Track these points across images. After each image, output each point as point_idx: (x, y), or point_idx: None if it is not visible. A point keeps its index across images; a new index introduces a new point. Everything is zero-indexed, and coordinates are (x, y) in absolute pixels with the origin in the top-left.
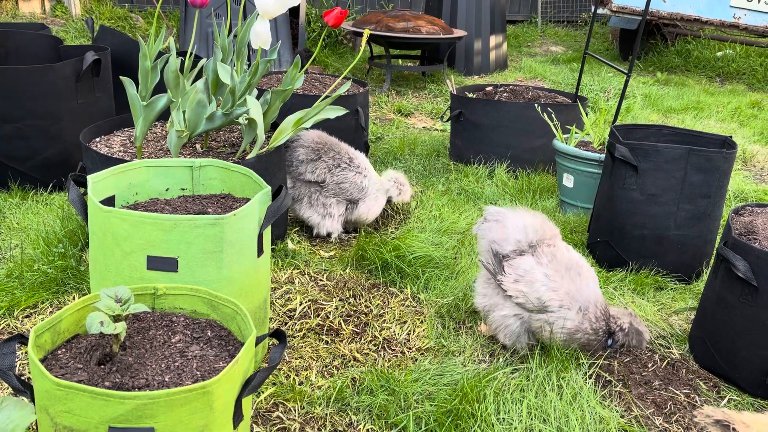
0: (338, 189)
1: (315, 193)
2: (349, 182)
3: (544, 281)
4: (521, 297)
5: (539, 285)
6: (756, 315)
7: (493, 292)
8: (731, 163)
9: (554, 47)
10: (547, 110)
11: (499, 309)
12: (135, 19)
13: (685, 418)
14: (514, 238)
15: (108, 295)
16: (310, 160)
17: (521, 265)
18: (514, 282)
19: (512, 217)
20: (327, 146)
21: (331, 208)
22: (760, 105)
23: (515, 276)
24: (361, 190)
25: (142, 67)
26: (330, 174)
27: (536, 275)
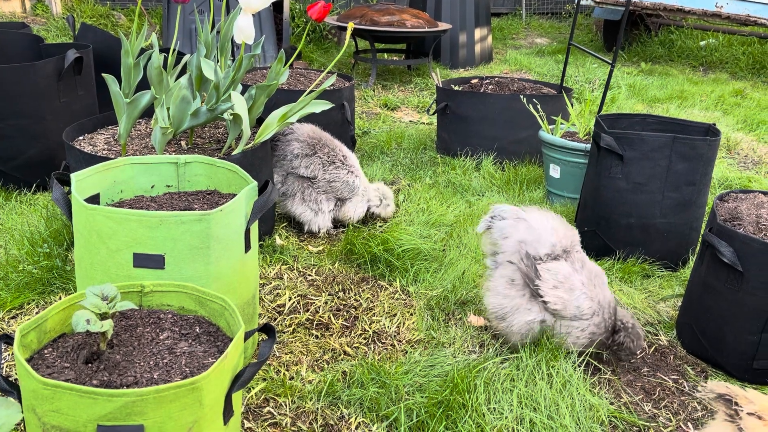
0: (329, 186)
1: (308, 188)
2: (340, 181)
3: (583, 289)
4: (559, 304)
5: (579, 293)
6: (742, 300)
7: (518, 294)
8: (715, 151)
9: (539, 39)
10: (532, 101)
11: (524, 313)
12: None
13: (673, 404)
14: (549, 240)
15: (94, 293)
16: (305, 155)
17: (560, 271)
18: (552, 288)
19: (537, 218)
20: (322, 142)
21: (321, 204)
22: (743, 93)
23: (554, 282)
24: (351, 190)
25: (124, 64)
26: (323, 171)
27: (575, 283)
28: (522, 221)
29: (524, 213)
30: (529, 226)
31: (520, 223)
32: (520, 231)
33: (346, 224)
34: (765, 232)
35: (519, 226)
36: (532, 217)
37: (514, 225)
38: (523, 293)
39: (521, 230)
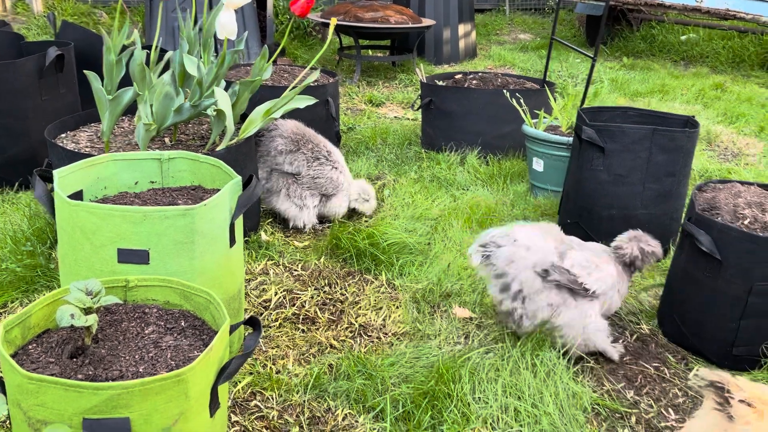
0: (313, 183)
1: (292, 184)
2: (325, 177)
3: (599, 260)
4: (602, 284)
5: (602, 264)
6: (720, 288)
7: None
8: (694, 142)
9: (522, 35)
10: (515, 96)
11: (584, 317)
12: (99, 15)
13: (655, 390)
14: (551, 247)
15: (78, 288)
16: (289, 151)
17: (577, 258)
18: (588, 276)
19: (526, 236)
20: (306, 138)
21: (306, 200)
22: (723, 87)
23: (585, 270)
24: (336, 186)
25: (106, 60)
26: (307, 167)
27: (592, 259)
28: (519, 245)
29: (514, 234)
30: (528, 247)
31: (518, 247)
32: (525, 256)
33: (331, 220)
34: (742, 221)
35: (519, 251)
36: (522, 236)
37: (514, 250)
38: (568, 305)
39: (525, 254)
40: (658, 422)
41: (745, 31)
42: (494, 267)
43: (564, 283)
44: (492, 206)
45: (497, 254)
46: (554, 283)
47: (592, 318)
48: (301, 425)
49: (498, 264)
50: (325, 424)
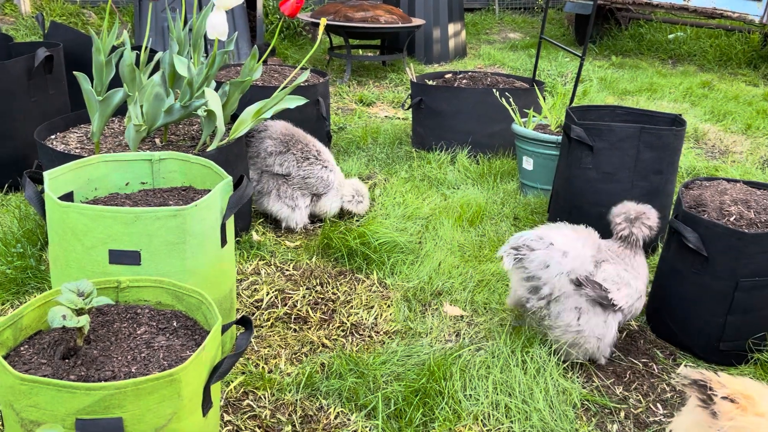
0: (303, 183)
1: (283, 185)
2: (315, 177)
3: (629, 274)
4: (629, 300)
5: (631, 279)
6: (707, 284)
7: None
8: (681, 140)
9: (512, 34)
10: (505, 95)
11: (608, 329)
12: (87, 15)
13: (643, 386)
14: (589, 255)
15: (70, 290)
16: (278, 153)
17: (610, 273)
18: (618, 292)
19: (564, 240)
20: (295, 138)
21: (297, 200)
22: (711, 85)
23: (616, 286)
24: (326, 185)
25: (96, 61)
26: (297, 167)
27: (623, 275)
28: (554, 249)
29: (548, 237)
30: (565, 252)
31: (553, 251)
32: (561, 261)
33: (322, 219)
34: (728, 218)
35: (555, 255)
36: (560, 240)
37: (549, 254)
38: (595, 313)
39: (561, 260)
40: (647, 417)
41: (732, 29)
42: (526, 270)
43: (595, 299)
44: (482, 205)
45: (531, 257)
46: (584, 295)
47: (612, 331)
48: (294, 424)
49: (531, 268)
50: (318, 422)
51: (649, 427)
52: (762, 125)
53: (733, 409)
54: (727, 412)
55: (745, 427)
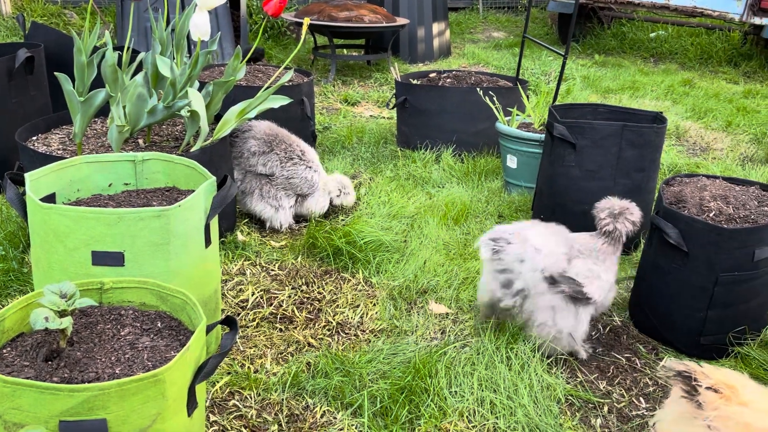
0: (288, 183)
1: (266, 185)
2: (299, 177)
3: (599, 267)
4: (602, 293)
5: (601, 272)
6: (687, 279)
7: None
8: (662, 138)
9: (496, 33)
10: (489, 94)
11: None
12: (69, 16)
13: (626, 380)
14: (562, 252)
15: (52, 291)
16: (262, 153)
17: (581, 268)
18: (590, 285)
19: (538, 237)
20: (279, 138)
21: (281, 200)
22: (692, 83)
23: (588, 279)
24: (311, 185)
25: (77, 62)
26: (281, 168)
27: (594, 268)
28: (529, 245)
29: (524, 232)
30: (539, 249)
31: (528, 247)
32: (534, 257)
33: (308, 219)
34: (707, 214)
35: (529, 251)
36: (533, 237)
37: (524, 249)
38: (569, 310)
39: (534, 256)
40: (630, 411)
41: (712, 27)
42: (502, 262)
43: (569, 293)
44: (467, 203)
45: (507, 250)
46: (560, 292)
47: (584, 325)
48: (280, 423)
49: (506, 260)
50: (304, 421)
51: (632, 420)
52: (742, 122)
53: (718, 399)
54: (711, 402)
55: (729, 416)
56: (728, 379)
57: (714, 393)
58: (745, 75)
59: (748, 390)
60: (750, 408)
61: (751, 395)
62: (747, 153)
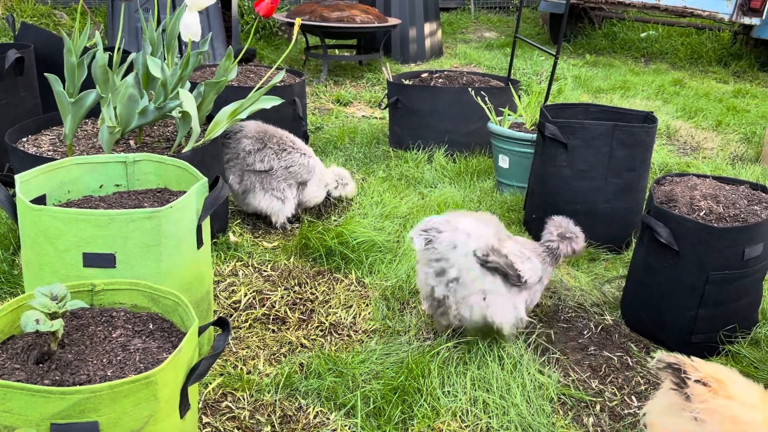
0: (287, 173)
1: (266, 179)
2: (297, 164)
3: (527, 252)
4: (533, 275)
5: (532, 256)
6: (678, 277)
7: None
8: (653, 137)
9: (488, 33)
10: (480, 94)
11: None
12: (59, 16)
13: (618, 379)
14: (491, 233)
15: (43, 294)
16: (257, 150)
17: (512, 248)
18: (522, 264)
19: (467, 222)
20: (269, 133)
21: (285, 191)
22: (682, 82)
23: (519, 258)
24: (309, 170)
25: (67, 63)
26: (278, 159)
27: (522, 251)
28: (460, 231)
29: (454, 221)
30: (469, 233)
31: (459, 233)
32: (466, 242)
33: (304, 214)
34: (698, 213)
35: (460, 236)
36: (463, 224)
37: (456, 236)
38: (498, 294)
39: (466, 240)
40: (622, 410)
41: (702, 27)
42: (435, 251)
43: (501, 267)
44: (459, 203)
45: (440, 239)
46: (492, 268)
47: (519, 312)
48: (273, 424)
49: (440, 249)
50: (297, 422)
51: (624, 419)
52: (732, 122)
53: (705, 392)
54: (699, 395)
55: (716, 409)
56: (717, 373)
57: (702, 386)
58: (735, 75)
59: (736, 384)
60: (737, 402)
61: (738, 389)
62: (737, 152)
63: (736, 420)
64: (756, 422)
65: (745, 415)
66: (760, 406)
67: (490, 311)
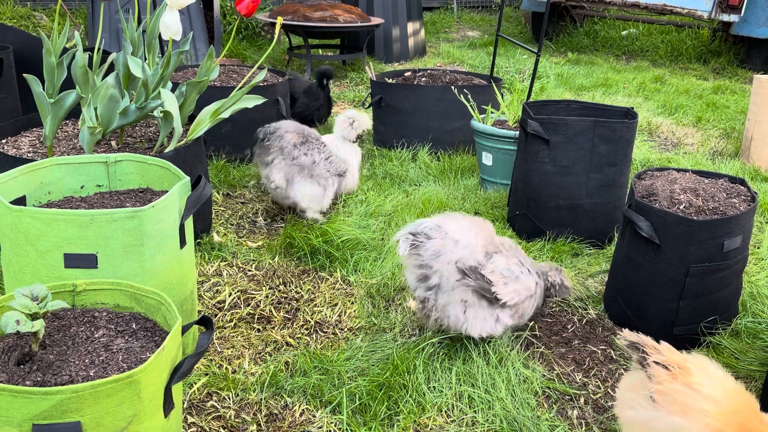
0: (329, 164)
1: (309, 170)
2: (335, 156)
3: (522, 270)
4: (516, 297)
5: (523, 277)
6: (659, 271)
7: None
8: (633, 132)
9: (470, 32)
10: (463, 92)
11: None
12: (39, 18)
13: (602, 372)
14: (480, 245)
15: (23, 294)
16: (301, 143)
17: (499, 265)
18: (504, 286)
19: (457, 229)
20: (306, 131)
21: (328, 180)
22: (663, 79)
23: (503, 279)
24: (344, 163)
25: (47, 63)
26: (319, 153)
27: (514, 269)
28: (449, 239)
29: (445, 226)
30: (457, 241)
31: (447, 240)
32: (452, 250)
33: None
34: (678, 206)
35: (447, 244)
36: (453, 229)
37: (443, 243)
38: (479, 307)
39: (452, 248)
40: (606, 402)
41: (682, 25)
42: (420, 258)
43: (476, 289)
44: (444, 201)
45: (426, 246)
46: (467, 286)
47: (498, 328)
48: (259, 423)
49: (425, 256)
50: (283, 420)
51: (608, 411)
52: (712, 118)
53: (665, 375)
54: (658, 376)
55: (667, 392)
56: (684, 361)
57: (663, 369)
58: (715, 71)
59: (703, 375)
60: (693, 390)
61: (701, 380)
62: (717, 147)
63: (687, 407)
64: (705, 412)
65: (696, 403)
66: (720, 400)
67: (468, 324)
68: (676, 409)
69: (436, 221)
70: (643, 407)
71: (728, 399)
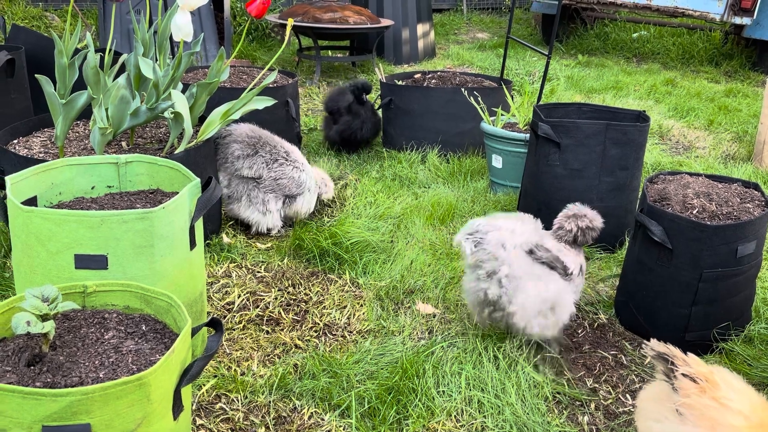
0: (276, 185)
1: (253, 189)
2: (287, 178)
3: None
4: (577, 266)
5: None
6: (672, 275)
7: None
8: (645, 136)
9: (480, 34)
10: (473, 94)
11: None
12: (50, 18)
13: (613, 377)
14: (530, 229)
15: (34, 295)
16: (246, 156)
17: (553, 244)
18: (566, 257)
19: (507, 223)
20: (262, 140)
21: (269, 204)
22: (674, 82)
23: (559, 251)
24: (299, 185)
25: (58, 64)
26: (267, 169)
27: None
28: (504, 230)
29: (496, 222)
30: (512, 231)
31: (504, 231)
32: (512, 238)
33: (295, 220)
34: (691, 211)
35: (505, 234)
36: (504, 223)
37: (502, 234)
38: (552, 279)
39: (511, 237)
40: (617, 408)
41: (693, 28)
42: (486, 252)
43: (548, 261)
44: (453, 203)
45: (488, 239)
46: (540, 261)
47: (569, 307)
48: (267, 426)
49: (490, 248)
50: (291, 423)
51: (619, 417)
52: (723, 121)
53: (693, 388)
54: (685, 389)
55: (695, 407)
56: (712, 374)
57: (691, 381)
58: (727, 74)
59: (730, 389)
60: (722, 405)
61: (729, 394)
62: (729, 151)
63: (715, 422)
64: (735, 428)
65: (725, 419)
66: (747, 414)
67: (549, 294)
68: (705, 424)
69: (485, 220)
70: (670, 421)
71: (756, 413)
